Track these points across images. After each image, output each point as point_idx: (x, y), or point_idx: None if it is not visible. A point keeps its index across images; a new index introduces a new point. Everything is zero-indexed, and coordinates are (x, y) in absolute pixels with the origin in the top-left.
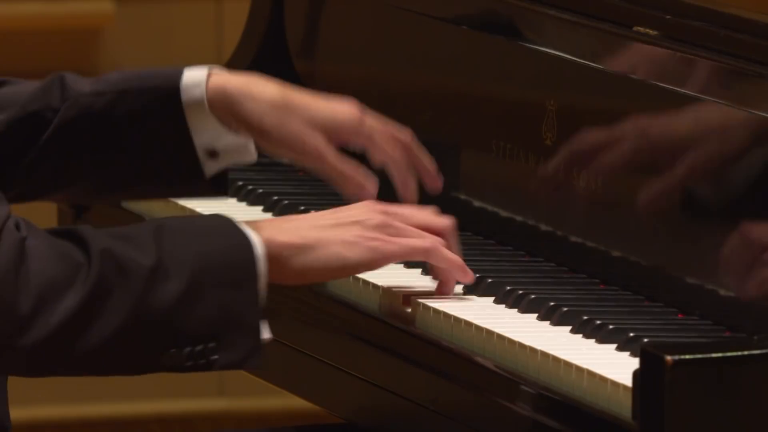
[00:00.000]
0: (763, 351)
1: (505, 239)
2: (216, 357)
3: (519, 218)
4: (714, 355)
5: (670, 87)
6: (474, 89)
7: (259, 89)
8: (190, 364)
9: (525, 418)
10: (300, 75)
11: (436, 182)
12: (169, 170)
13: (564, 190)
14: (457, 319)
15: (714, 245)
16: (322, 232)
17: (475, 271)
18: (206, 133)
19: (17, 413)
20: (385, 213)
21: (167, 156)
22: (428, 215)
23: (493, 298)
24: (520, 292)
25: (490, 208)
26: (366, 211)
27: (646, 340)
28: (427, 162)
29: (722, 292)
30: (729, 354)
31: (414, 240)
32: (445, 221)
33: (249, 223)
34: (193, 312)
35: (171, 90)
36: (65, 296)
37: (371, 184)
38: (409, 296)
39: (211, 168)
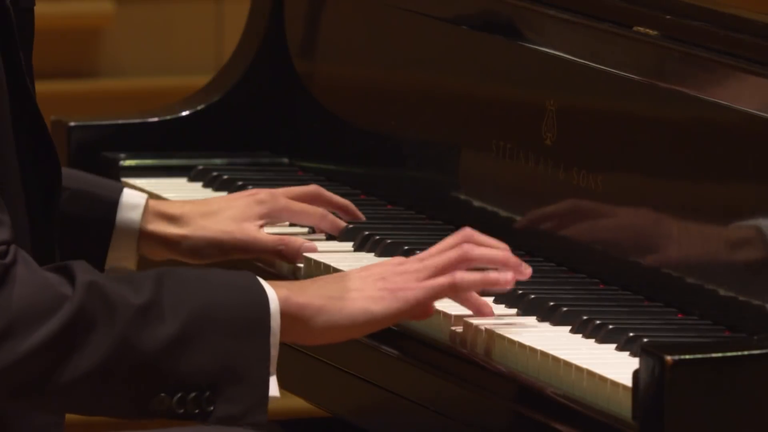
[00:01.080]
0: (763, 351)
1: (505, 239)
2: (212, 408)
3: (519, 218)
4: (714, 355)
5: (670, 87)
6: (474, 89)
7: (180, 209)
8: (182, 411)
9: (525, 418)
10: (300, 75)
11: (356, 215)
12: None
13: (564, 190)
14: (458, 319)
15: (714, 245)
16: (347, 292)
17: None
18: (117, 251)
19: None
20: (405, 264)
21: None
22: (444, 255)
23: (493, 299)
24: (521, 292)
25: (490, 208)
26: (390, 267)
27: (645, 340)
28: (341, 201)
29: (722, 292)
30: (729, 354)
31: (438, 280)
32: (460, 252)
33: (271, 282)
34: (186, 357)
35: (109, 202)
36: (42, 324)
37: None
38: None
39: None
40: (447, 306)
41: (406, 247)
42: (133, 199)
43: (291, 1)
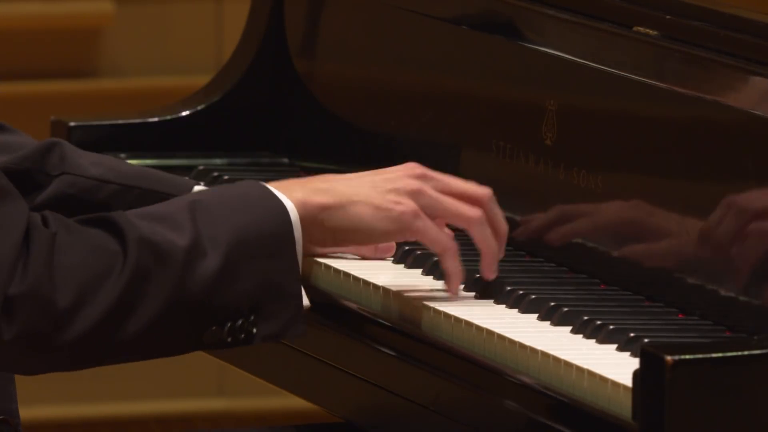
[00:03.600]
0: (763, 351)
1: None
2: (255, 330)
3: (519, 218)
4: (714, 355)
5: (670, 87)
6: (474, 89)
7: None
8: (230, 339)
9: (525, 419)
10: (300, 75)
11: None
12: None
13: (564, 190)
14: (458, 320)
15: (714, 245)
16: (355, 192)
17: (475, 272)
18: None
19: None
20: (424, 178)
21: None
22: (467, 185)
23: (493, 299)
24: (521, 292)
25: None
26: (404, 175)
27: (646, 340)
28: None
29: (722, 292)
30: (729, 354)
31: (441, 233)
32: (483, 191)
33: (282, 184)
34: (231, 287)
35: None
36: (103, 288)
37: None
38: (410, 297)
39: None
40: (447, 307)
41: (406, 247)
42: None
43: (291, 1)
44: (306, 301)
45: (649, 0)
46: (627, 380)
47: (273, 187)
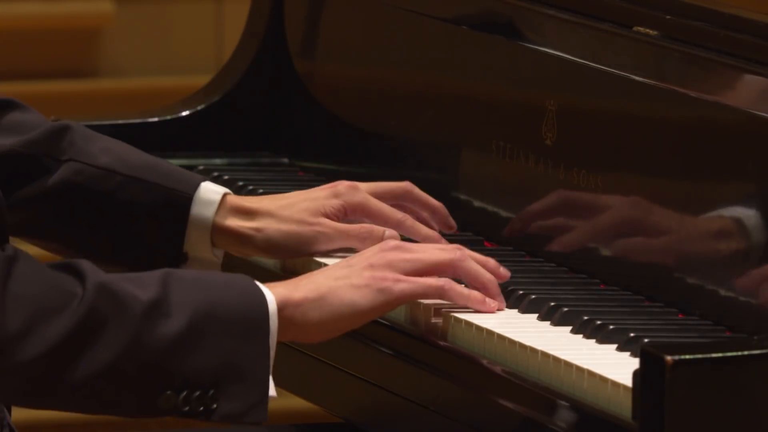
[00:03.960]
0: (763, 351)
1: (506, 239)
2: (215, 406)
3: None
4: (714, 355)
5: (670, 87)
6: (474, 89)
7: (257, 204)
8: (187, 409)
9: (525, 419)
10: (300, 75)
11: (448, 223)
12: (148, 261)
13: (564, 190)
14: (458, 320)
15: (714, 245)
16: (335, 281)
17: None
18: (193, 244)
19: (17, 413)
20: (398, 249)
21: (151, 250)
22: (437, 253)
23: None
24: (521, 292)
25: (490, 208)
26: (377, 252)
27: (646, 340)
28: (434, 202)
29: (722, 292)
30: (729, 354)
31: (428, 279)
32: (454, 254)
33: (267, 284)
34: (192, 355)
35: (183, 199)
36: (54, 323)
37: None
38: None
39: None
40: (447, 307)
41: None
42: (208, 195)
43: (291, 1)
44: (273, 392)
45: (649, 0)
46: (627, 380)
47: (259, 283)
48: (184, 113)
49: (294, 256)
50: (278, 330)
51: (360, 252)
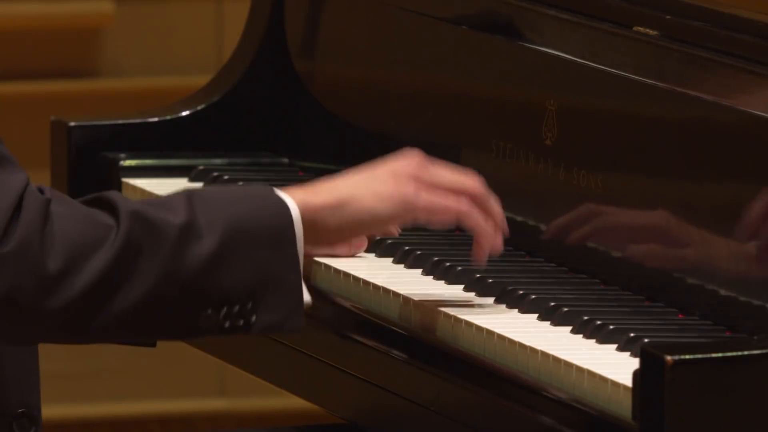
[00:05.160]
0: (763, 351)
1: (505, 239)
2: (254, 318)
3: (519, 218)
4: (714, 355)
5: (670, 87)
6: (474, 89)
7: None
8: (227, 325)
9: (525, 419)
10: (300, 75)
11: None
12: None
13: (564, 190)
14: (458, 320)
15: (714, 245)
16: (355, 186)
17: (475, 271)
18: None
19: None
20: (419, 167)
21: None
22: (461, 177)
23: (493, 299)
24: (521, 292)
25: None
26: (403, 160)
27: (646, 340)
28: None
29: (722, 292)
30: (729, 354)
31: (449, 199)
32: (475, 185)
33: (285, 189)
34: (227, 271)
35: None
36: (94, 256)
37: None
38: (410, 297)
39: None
40: (447, 307)
41: (406, 247)
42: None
43: (291, 1)
44: (307, 297)
45: (649, 0)
46: (627, 380)
47: (279, 191)
48: (184, 113)
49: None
50: (304, 234)
51: (383, 160)
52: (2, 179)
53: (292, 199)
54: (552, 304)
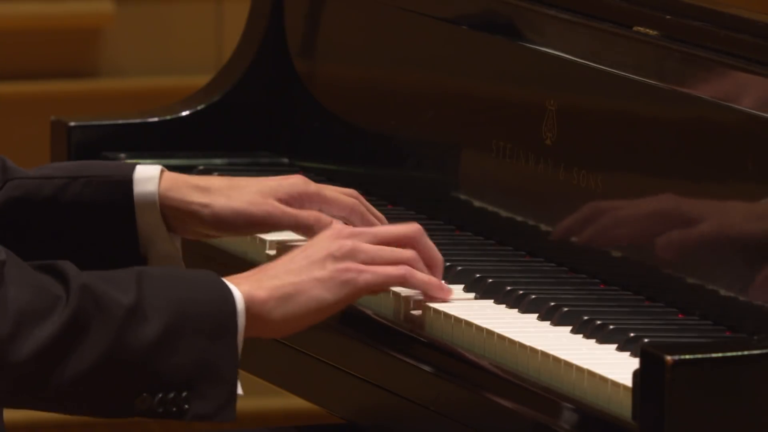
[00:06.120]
0: (763, 351)
1: (505, 239)
2: (188, 406)
3: (519, 218)
4: (714, 355)
5: (670, 87)
6: (474, 89)
7: (207, 181)
8: (161, 410)
9: (525, 419)
10: (300, 75)
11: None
12: (106, 260)
13: (564, 190)
14: (458, 320)
15: (714, 245)
16: (298, 276)
17: (475, 272)
18: (146, 228)
19: (16, 413)
20: (353, 236)
21: (107, 247)
22: (393, 230)
23: (493, 299)
24: (521, 292)
25: (490, 208)
26: (334, 240)
27: (646, 340)
28: (377, 214)
29: (722, 292)
30: (729, 354)
31: (388, 268)
32: (411, 229)
33: (230, 278)
34: (168, 357)
35: (123, 181)
36: (41, 325)
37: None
38: (410, 297)
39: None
40: (448, 307)
41: None
42: (146, 172)
43: (291, 1)
44: (240, 390)
45: (649, 0)
46: (627, 380)
47: (224, 279)
48: (184, 113)
49: (241, 234)
50: (246, 327)
51: (314, 241)
52: None
53: (239, 290)
54: (552, 304)
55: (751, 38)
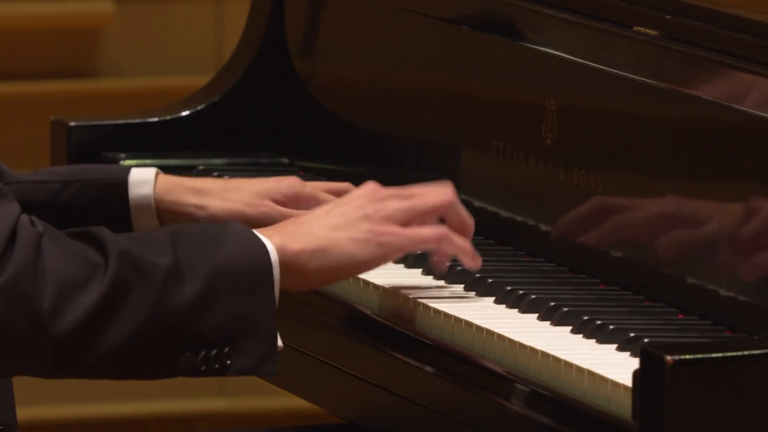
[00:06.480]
0: (763, 351)
1: (505, 239)
2: (230, 362)
3: (519, 218)
4: (714, 355)
5: (670, 87)
6: (474, 89)
7: (202, 183)
8: (204, 368)
9: (525, 419)
10: (300, 75)
11: None
12: None
13: (564, 190)
14: (458, 320)
15: (714, 245)
16: (333, 232)
17: (475, 271)
18: (142, 230)
19: (17, 413)
20: (389, 198)
21: None
22: (428, 199)
23: (493, 298)
24: (521, 292)
25: (490, 208)
26: (370, 200)
27: (646, 340)
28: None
29: (722, 292)
30: (729, 354)
31: (423, 231)
32: (445, 196)
33: (262, 230)
34: (208, 315)
35: (118, 184)
36: (83, 294)
37: None
38: (409, 297)
39: None
40: (448, 307)
41: None
42: (141, 175)
43: (291, 1)
44: (280, 342)
45: (649, 0)
46: (627, 380)
47: (257, 232)
48: (184, 113)
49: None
50: (280, 279)
51: (350, 197)
52: None
53: (271, 242)
54: (552, 304)
55: (751, 38)
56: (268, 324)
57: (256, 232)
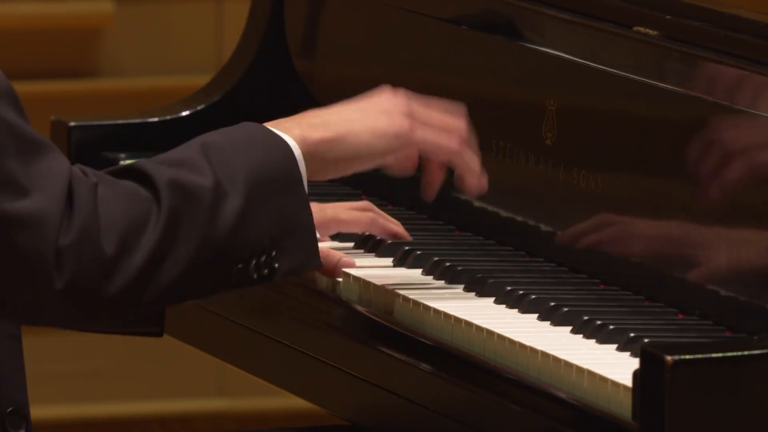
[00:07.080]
0: (763, 351)
1: (505, 239)
2: (278, 265)
3: (519, 218)
4: (714, 355)
5: (670, 87)
6: (474, 89)
7: None
8: (255, 276)
9: (525, 419)
10: (300, 75)
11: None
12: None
13: (564, 190)
14: (458, 320)
15: (714, 245)
16: (349, 123)
17: (475, 272)
18: None
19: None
20: (413, 103)
21: None
22: (450, 117)
23: (493, 299)
24: (521, 292)
25: (490, 208)
26: (389, 98)
27: (646, 340)
28: (395, 222)
29: (722, 292)
30: (729, 354)
31: (442, 135)
32: (463, 126)
33: (277, 124)
34: (253, 225)
35: None
36: (144, 234)
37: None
38: (409, 297)
39: None
40: (448, 307)
41: (406, 248)
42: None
43: (291, 1)
44: (318, 235)
45: (649, 0)
46: (627, 380)
47: (271, 127)
48: (184, 113)
49: None
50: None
51: (365, 98)
52: (48, 166)
53: (290, 136)
54: (552, 304)
55: (751, 38)
56: (306, 219)
57: (274, 129)
